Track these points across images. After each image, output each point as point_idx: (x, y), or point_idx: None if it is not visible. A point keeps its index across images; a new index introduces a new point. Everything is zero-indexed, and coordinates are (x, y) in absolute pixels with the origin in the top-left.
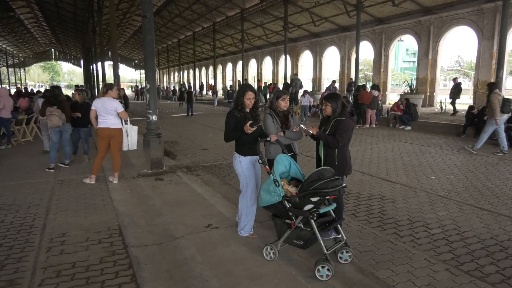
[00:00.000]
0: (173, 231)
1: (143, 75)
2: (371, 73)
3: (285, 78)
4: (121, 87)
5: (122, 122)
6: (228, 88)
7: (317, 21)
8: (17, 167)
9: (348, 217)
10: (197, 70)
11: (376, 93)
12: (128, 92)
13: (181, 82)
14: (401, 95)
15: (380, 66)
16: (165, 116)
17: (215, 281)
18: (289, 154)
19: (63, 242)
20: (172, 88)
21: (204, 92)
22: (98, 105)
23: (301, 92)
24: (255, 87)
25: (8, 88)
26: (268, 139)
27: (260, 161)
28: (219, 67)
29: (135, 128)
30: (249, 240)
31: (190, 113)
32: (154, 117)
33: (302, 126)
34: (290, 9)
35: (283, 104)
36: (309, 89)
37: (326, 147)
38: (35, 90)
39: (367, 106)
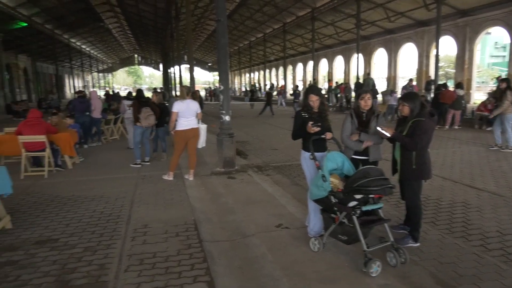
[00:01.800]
0: (244, 229)
1: (216, 77)
2: (453, 70)
3: (357, 78)
4: (196, 89)
5: (198, 122)
6: (294, 88)
7: (392, 17)
8: (106, 162)
9: (427, 225)
10: (267, 71)
11: (461, 92)
12: (202, 93)
13: (252, 84)
14: (489, 93)
15: (464, 62)
16: (236, 117)
17: (286, 281)
18: (362, 158)
19: (145, 233)
20: (243, 89)
21: (274, 93)
22: (182, 107)
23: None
24: (326, 87)
25: (97, 91)
26: (323, 136)
27: (311, 157)
28: (289, 68)
29: (205, 126)
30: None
31: (271, 113)
32: (227, 118)
33: (378, 128)
34: (363, 5)
35: (363, 103)
36: (383, 88)
37: (403, 150)
38: (120, 93)
39: (449, 106)
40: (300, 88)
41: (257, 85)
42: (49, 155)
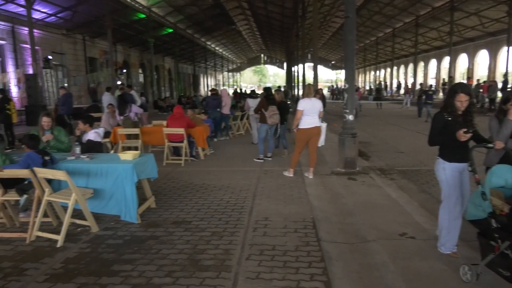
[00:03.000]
0: (364, 233)
1: (339, 75)
2: None
3: (506, 75)
4: (319, 87)
5: (320, 120)
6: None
7: None
8: (232, 156)
9: None
10: (394, 68)
11: None
12: (324, 92)
13: (377, 82)
14: None
15: None
16: (359, 116)
17: None
18: None
19: (266, 226)
20: (367, 87)
21: (402, 91)
22: (307, 105)
23: None
24: None
25: (227, 89)
26: (491, 145)
27: (470, 169)
28: (420, 65)
29: (326, 125)
30: (450, 259)
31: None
32: (350, 117)
33: None
34: None
35: None
36: None
37: None
38: (247, 91)
39: None
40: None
41: (382, 83)
42: (186, 146)
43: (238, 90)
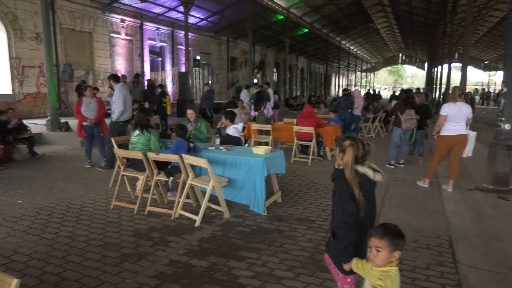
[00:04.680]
0: None
1: (492, 78)
2: None
3: None
4: (467, 90)
5: (467, 128)
6: None
7: None
8: None
9: None
10: None
11: None
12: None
13: None
14: None
15: None
16: None
17: None
18: None
19: None
20: None
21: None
22: (452, 110)
23: None
24: None
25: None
26: None
27: None
28: None
29: (475, 134)
30: None
31: None
32: (506, 126)
33: None
34: None
35: None
36: None
37: None
38: (381, 93)
39: None
40: None
41: None
42: (314, 145)
43: (371, 91)
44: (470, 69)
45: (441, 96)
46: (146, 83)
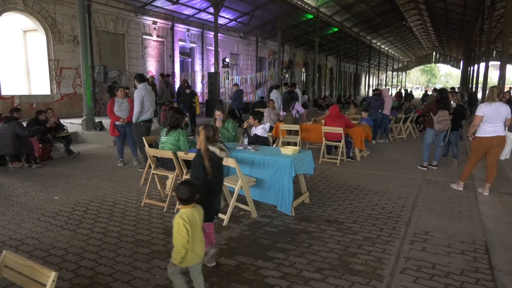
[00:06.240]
0: None
1: None
2: None
3: None
4: (506, 89)
5: (505, 129)
6: None
7: None
8: (391, 160)
9: None
10: None
11: None
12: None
13: None
14: None
15: None
16: None
17: None
18: None
19: (425, 240)
20: None
21: None
22: (489, 111)
23: None
24: None
25: (389, 89)
26: None
27: None
28: None
29: None
30: None
31: None
32: None
33: None
34: None
35: None
36: None
37: None
38: (413, 92)
39: None
40: None
41: None
42: (343, 146)
43: (403, 91)
44: (509, 68)
45: (466, 98)
46: (175, 83)
